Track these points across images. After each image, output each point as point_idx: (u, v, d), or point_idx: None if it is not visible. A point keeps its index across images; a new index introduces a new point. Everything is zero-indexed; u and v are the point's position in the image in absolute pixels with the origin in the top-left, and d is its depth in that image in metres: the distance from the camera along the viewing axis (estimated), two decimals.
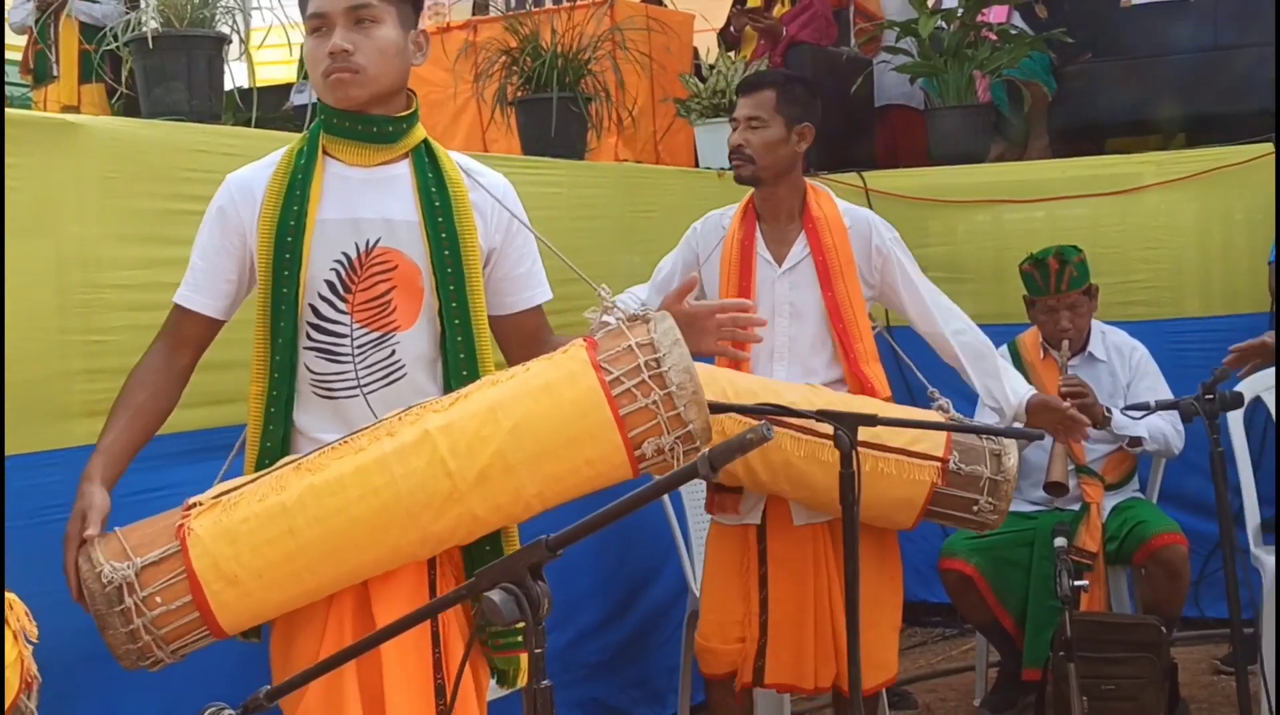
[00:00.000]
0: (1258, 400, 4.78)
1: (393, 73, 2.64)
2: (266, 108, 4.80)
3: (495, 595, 1.94)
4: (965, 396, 4.98)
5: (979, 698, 4.87)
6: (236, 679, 2.64)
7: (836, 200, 3.86)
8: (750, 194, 3.84)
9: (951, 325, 3.85)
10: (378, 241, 2.65)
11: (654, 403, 2.53)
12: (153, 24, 3.54)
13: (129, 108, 3.98)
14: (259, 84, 4.19)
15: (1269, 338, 3.75)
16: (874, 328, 3.86)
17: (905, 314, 3.89)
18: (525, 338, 2.85)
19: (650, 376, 2.54)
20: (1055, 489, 4.39)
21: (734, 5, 7.02)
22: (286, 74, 7.04)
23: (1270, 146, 5.41)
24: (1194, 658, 5.14)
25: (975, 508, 3.50)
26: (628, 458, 2.56)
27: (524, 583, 1.96)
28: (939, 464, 3.47)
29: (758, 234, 3.78)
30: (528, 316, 2.85)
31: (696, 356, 2.63)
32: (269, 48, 4.35)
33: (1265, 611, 4.48)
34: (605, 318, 2.70)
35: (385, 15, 2.62)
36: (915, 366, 3.99)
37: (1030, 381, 4.71)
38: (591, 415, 2.53)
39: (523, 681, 2.72)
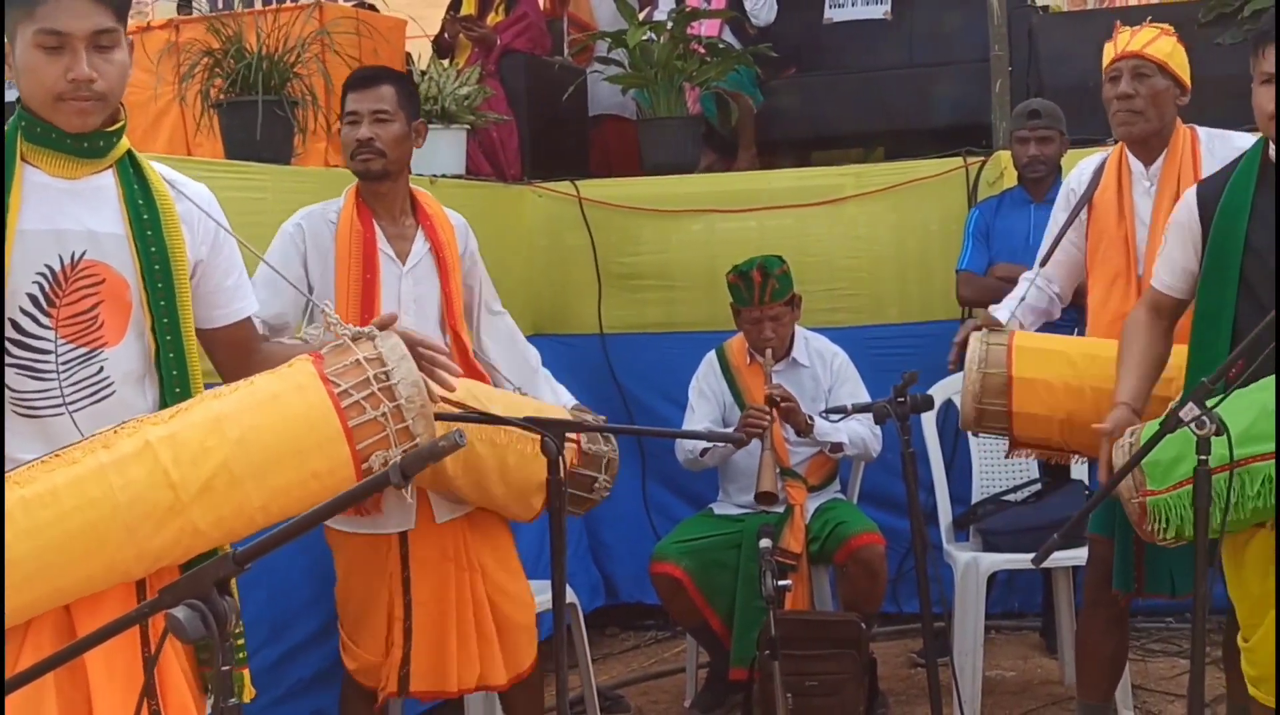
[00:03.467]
0: (950, 403, 5.01)
1: (122, 94, 2.60)
2: None
3: (179, 612, 1.89)
4: (680, 404, 5.10)
5: (689, 698, 4.95)
6: None
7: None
8: (355, 190, 3.79)
9: (516, 329, 4.11)
10: (83, 254, 2.57)
11: (383, 416, 2.55)
12: None
13: None
14: None
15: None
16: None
17: (474, 313, 3.98)
18: (236, 350, 2.82)
19: (380, 389, 2.57)
20: (766, 499, 4.51)
21: (448, 12, 6.98)
22: None
23: (960, 160, 5.68)
24: (893, 652, 5.35)
25: (595, 485, 3.73)
26: (355, 471, 2.55)
27: (210, 598, 1.91)
28: (574, 445, 3.64)
29: (378, 231, 3.75)
30: (238, 328, 2.82)
31: None
32: None
33: (956, 606, 4.69)
34: (330, 332, 2.68)
35: (120, 38, 2.57)
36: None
37: (736, 385, 4.91)
38: (320, 427, 2.52)
39: (247, 696, 2.67)
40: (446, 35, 6.82)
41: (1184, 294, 3.29)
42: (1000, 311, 3.96)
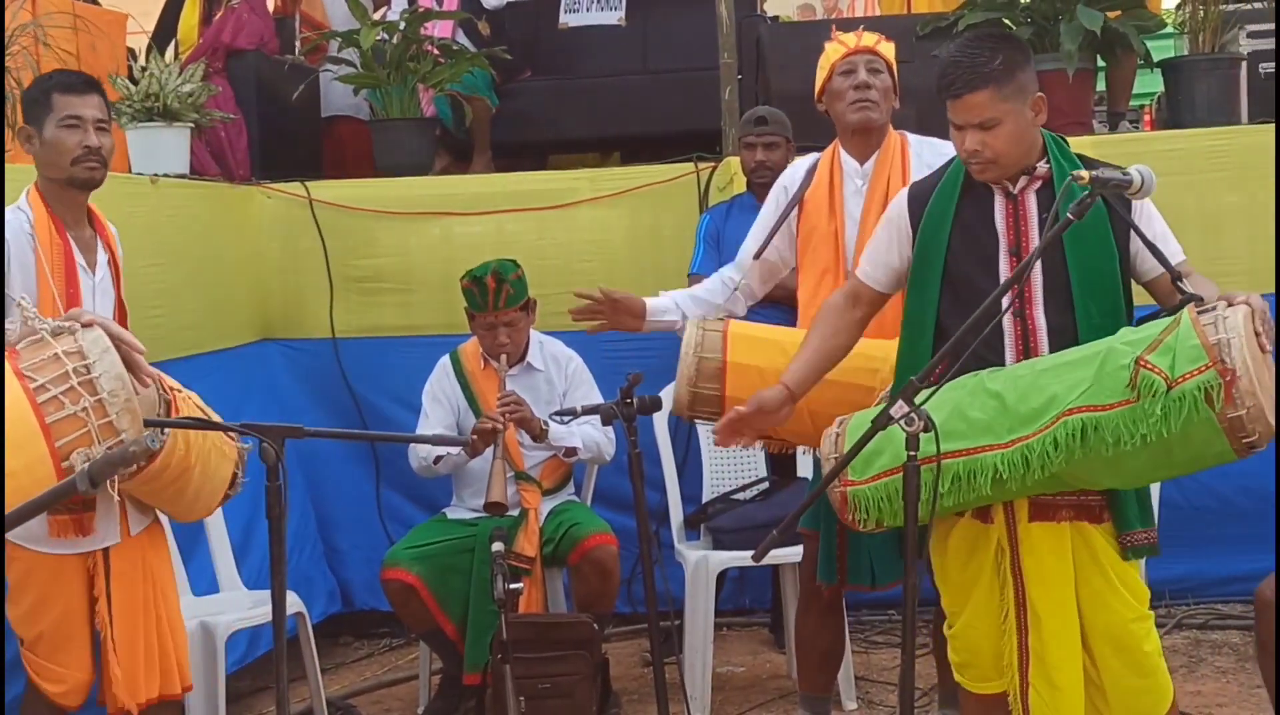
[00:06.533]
0: None
1: None
2: None
3: None
4: (415, 408, 5.03)
5: (422, 705, 4.90)
6: None
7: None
8: (40, 197, 3.60)
9: None
10: None
11: (84, 410, 2.46)
12: None
13: None
14: None
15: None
16: None
17: None
18: None
19: (80, 383, 2.48)
20: (495, 509, 4.49)
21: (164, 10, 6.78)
22: None
23: (691, 166, 5.76)
24: (627, 651, 5.38)
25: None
26: (55, 469, 2.46)
27: None
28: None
29: (71, 242, 3.58)
30: None
31: None
32: None
33: (687, 604, 4.75)
34: (31, 326, 2.56)
35: None
36: None
37: (470, 390, 4.88)
38: (15, 424, 2.40)
39: None
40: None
41: (883, 287, 3.37)
42: (660, 298, 4.03)
